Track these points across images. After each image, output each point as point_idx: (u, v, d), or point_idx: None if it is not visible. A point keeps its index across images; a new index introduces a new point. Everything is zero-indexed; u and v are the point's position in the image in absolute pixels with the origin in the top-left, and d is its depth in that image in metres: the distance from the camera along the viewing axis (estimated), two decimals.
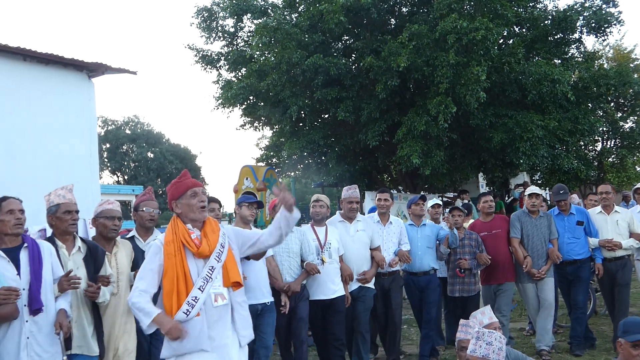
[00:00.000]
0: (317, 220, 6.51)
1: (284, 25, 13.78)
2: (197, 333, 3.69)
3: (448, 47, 12.45)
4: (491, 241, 7.39)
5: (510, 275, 7.38)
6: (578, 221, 7.50)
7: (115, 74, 11.51)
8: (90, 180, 10.68)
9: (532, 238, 7.30)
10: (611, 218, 7.56)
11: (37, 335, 3.99)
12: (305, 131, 15.74)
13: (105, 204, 5.00)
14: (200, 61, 17.25)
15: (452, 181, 16.60)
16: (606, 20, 14.94)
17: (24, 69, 10.19)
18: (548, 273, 7.27)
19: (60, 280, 4.16)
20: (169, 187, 4.00)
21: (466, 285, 7.23)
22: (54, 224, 4.53)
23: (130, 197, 34.09)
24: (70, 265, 4.41)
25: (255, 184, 14.10)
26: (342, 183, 15.55)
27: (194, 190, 3.91)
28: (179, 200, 3.91)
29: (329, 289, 6.27)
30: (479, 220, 7.81)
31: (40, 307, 3.98)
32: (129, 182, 48.35)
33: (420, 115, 13.07)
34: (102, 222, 4.90)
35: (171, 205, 3.96)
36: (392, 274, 6.98)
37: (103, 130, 49.76)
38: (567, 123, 14.28)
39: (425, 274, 7.19)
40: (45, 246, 4.23)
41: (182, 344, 3.65)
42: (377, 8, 13.82)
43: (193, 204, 3.88)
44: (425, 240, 7.26)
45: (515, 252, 7.33)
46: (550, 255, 7.23)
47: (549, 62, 14.34)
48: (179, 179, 3.99)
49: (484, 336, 3.77)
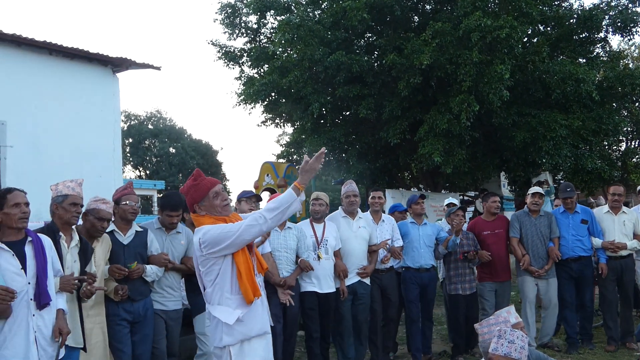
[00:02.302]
0: (316, 218, 6.74)
1: (307, 22, 13.78)
2: (260, 316, 3.90)
3: (471, 45, 12.36)
4: (494, 239, 7.62)
5: (509, 274, 7.68)
6: (582, 219, 7.62)
7: (139, 69, 11.60)
8: (114, 175, 10.80)
9: (532, 237, 7.50)
10: (618, 218, 7.66)
11: (43, 330, 3.97)
12: (326, 128, 15.73)
13: (100, 202, 4.93)
14: (223, 57, 17.30)
15: (474, 180, 16.51)
16: (632, 19, 14.72)
17: (49, 63, 10.32)
18: (551, 273, 7.45)
19: (65, 279, 4.18)
20: (187, 190, 4.00)
21: (467, 283, 7.45)
22: (57, 213, 4.51)
23: (152, 192, 34.41)
24: (69, 259, 4.44)
25: (276, 180, 14.16)
26: (363, 181, 15.55)
27: (215, 190, 3.97)
28: (202, 202, 3.96)
29: (324, 284, 6.53)
30: (481, 219, 7.97)
31: (49, 301, 3.98)
32: (151, 177, 48.72)
33: (442, 113, 13.00)
34: (92, 221, 4.88)
35: (193, 208, 3.99)
36: (388, 270, 7.23)
37: (126, 125, 50.17)
38: (591, 123, 14.12)
39: (427, 271, 7.39)
40: (45, 240, 4.17)
41: (250, 327, 3.82)
42: (400, 5, 13.75)
43: (217, 205, 3.96)
44: (427, 239, 7.47)
45: (515, 251, 7.56)
46: (550, 254, 7.40)
47: (574, 61, 14.19)
48: (194, 181, 3.99)
49: (506, 334, 3.77)
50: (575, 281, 7.60)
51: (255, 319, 3.84)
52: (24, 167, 9.55)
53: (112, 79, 11.23)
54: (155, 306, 5.47)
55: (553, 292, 7.47)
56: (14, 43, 9.79)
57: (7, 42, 9.69)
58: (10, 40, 9.67)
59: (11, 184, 4.79)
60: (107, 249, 5.09)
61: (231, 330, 3.76)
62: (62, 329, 4.05)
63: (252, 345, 3.84)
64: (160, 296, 5.55)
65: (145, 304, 5.28)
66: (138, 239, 5.34)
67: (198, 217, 3.96)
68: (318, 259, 6.49)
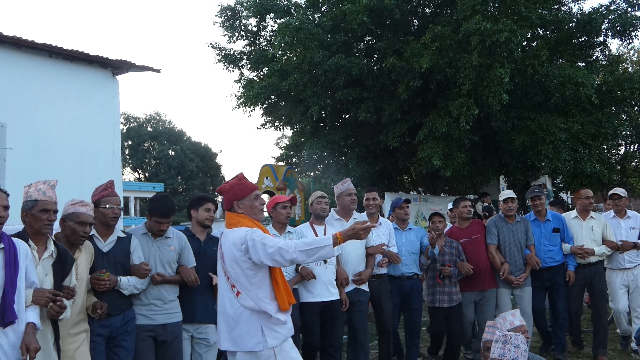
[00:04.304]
0: (322, 216, 6.30)
1: (307, 25, 13.80)
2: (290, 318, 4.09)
3: (471, 49, 12.39)
4: (472, 247, 7.11)
5: (493, 282, 7.10)
6: (554, 228, 7.30)
7: (139, 72, 11.60)
8: (113, 177, 10.62)
9: (509, 244, 7.08)
10: (587, 224, 7.38)
11: (5, 348, 3.54)
12: (325, 131, 15.75)
13: (79, 205, 4.30)
14: (222, 60, 17.33)
15: (473, 183, 16.53)
16: (631, 23, 14.75)
17: (49, 66, 10.30)
18: (525, 282, 7.03)
19: (40, 292, 3.73)
20: (229, 188, 4.15)
21: (447, 295, 6.86)
22: (27, 221, 3.93)
23: (151, 195, 34.45)
24: (39, 271, 3.86)
25: (275, 183, 14.15)
26: (362, 184, 15.54)
27: (257, 192, 4.19)
28: (242, 201, 4.12)
29: (328, 291, 6.07)
30: (455, 227, 7.48)
31: (14, 319, 3.55)
32: (150, 180, 48.79)
33: (441, 116, 13.02)
34: (72, 226, 4.23)
35: (231, 204, 4.12)
36: (380, 276, 6.69)
37: (125, 128, 50.27)
38: (590, 126, 14.14)
39: (409, 279, 6.95)
40: (21, 247, 3.71)
41: (289, 329, 4.04)
42: (400, 9, 13.78)
43: (256, 206, 4.16)
44: (410, 245, 7.02)
45: (493, 258, 7.05)
46: (529, 261, 7.01)
47: (573, 65, 14.22)
48: (239, 180, 4.18)
49: (511, 339, 3.77)
50: (546, 290, 7.36)
51: (290, 321, 4.07)
52: (24, 169, 9.52)
53: (111, 81, 11.22)
54: (140, 321, 4.79)
55: (527, 301, 7.03)
56: (14, 45, 9.78)
57: (7, 44, 9.68)
58: (11, 42, 9.66)
59: (11, 186, 4.70)
60: (90, 257, 4.48)
61: (274, 333, 3.93)
62: (30, 344, 3.54)
63: (286, 344, 4.06)
64: (147, 309, 4.83)
65: (124, 318, 4.64)
66: (120, 246, 4.71)
67: (237, 216, 4.09)
68: (324, 263, 6.01)
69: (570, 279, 7.23)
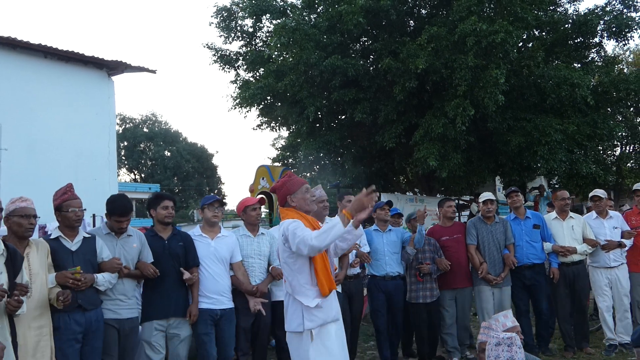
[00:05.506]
0: (322, 215, 6.29)
1: (303, 26, 13.79)
2: (335, 305, 4.34)
3: (467, 50, 12.40)
4: (454, 245, 7.43)
5: (470, 280, 7.44)
6: (534, 224, 7.52)
7: (135, 72, 11.60)
8: (109, 178, 10.78)
9: (488, 244, 7.35)
10: (566, 223, 7.60)
11: None
12: (322, 132, 15.75)
13: (18, 201, 4.48)
14: (218, 61, 17.31)
15: (469, 184, 16.54)
16: (627, 24, 14.78)
17: (44, 66, 10.31)
18: (506, 281, 7.29)
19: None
20: (281, 185, 4.44)
21: (428, 290, 7.16)
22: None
23: (146, 195, 34.40)
24: None
25: (271, 183, 14.12)
26: (358, 184, 15.56)
27: (307, 186, 4.47)
28: (295, 194, 4.39)
29: None
30: (438, 225, 7.77)
31: None
32: (146, 180, 48.70)
33: (437, 117, 13.03)
34: (17, 221, 4.38)
35: (285, 199, 4.40)
36: (356, 277, 6.91)
37: (121, 128, 50.17)
38: (586, 127, 14.16)
39: (393, 279, 7.16)
40: None
41: (327, 314, 4.24)
42: (396, 10, 13.79)
43: (307, 198, 4.42)
44: (391, 246, 7.23)
45: (472, 258, 7.37)
46: (506, 261, 7.27)
47: (569, 66, 14.23)
48: (289, 177, 4.47)
49: (505, 340, 3.79)
50: (528, 289, 7.46)
51: (331, 307, 4.28)
52: (19, 170, 9.52)
53: (107, 82, 11.22)
54: (108, 315, 5.04)
55: (507, 300, 7.29)
56: (9, 46, 9.77)
57: (2, 44, 9.68)
58: (5, 43, 9.66)
59: (6, 187, 4.76)
60: (45, 254, 4.57)
61: (312, 316, 4.17)
62: None
63: (328, 329, 4.25)
64: (113, 304, 5.10)
65: (96, 314, 4.87)
66: (86, 245, 4.92)
67: (287, 210, 4.39)
68: None
69: (554, 276, 7.41)
